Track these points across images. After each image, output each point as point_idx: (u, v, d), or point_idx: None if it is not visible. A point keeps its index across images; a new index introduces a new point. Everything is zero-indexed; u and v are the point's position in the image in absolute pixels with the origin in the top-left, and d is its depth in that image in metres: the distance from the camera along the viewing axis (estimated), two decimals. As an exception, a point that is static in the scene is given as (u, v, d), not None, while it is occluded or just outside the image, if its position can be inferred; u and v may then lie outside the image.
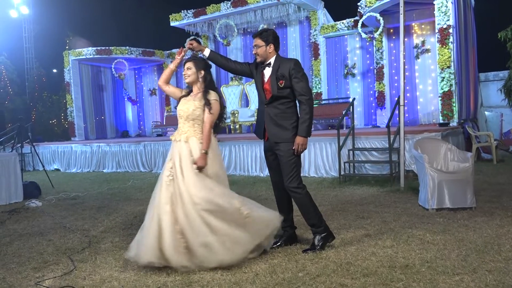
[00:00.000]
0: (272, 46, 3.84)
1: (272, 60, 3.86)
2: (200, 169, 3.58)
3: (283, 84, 3.75)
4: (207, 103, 3.73)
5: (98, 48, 15.37)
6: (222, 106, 3.87)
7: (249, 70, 4.03)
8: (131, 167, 11.38)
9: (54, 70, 20.62)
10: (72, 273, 3.49)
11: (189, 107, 3.76)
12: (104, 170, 11.77)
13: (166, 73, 4.00)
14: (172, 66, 4.02)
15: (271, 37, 3.85)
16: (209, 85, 3.84)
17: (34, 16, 20.16)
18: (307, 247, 3.79)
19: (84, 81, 16.10)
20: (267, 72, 3.86)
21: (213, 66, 4.09)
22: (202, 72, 3.83)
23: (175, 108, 4.00)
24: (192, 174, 3.56)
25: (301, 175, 8.70)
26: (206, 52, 4.01)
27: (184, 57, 4.07)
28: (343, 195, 6.40)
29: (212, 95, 3.78)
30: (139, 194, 7.46)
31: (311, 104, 3.76)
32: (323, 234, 3.79)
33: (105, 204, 6.67)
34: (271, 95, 3.81)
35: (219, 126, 3.92)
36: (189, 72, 3.84)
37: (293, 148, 3.73)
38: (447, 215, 4.74)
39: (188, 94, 3.91)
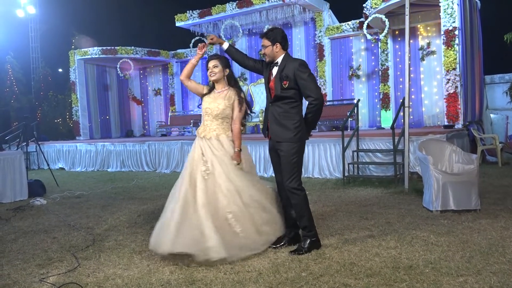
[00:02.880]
0: (278, 45, 3.83)
1: (279, 59, 3.85)
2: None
3: (287, 85, 3.74)
4: (241, 102, 3.90)
5: (104, 48, 15.42)
6: (247, 104, 4.03)
7: (261, 67, 4.04)
8: (135, 167, 11.42)
9: (60, 70, 20.70)
10: (76, 270, 3.51)
11: (219, 106, 3.88)
12: (108, 169, 11.81)
13: (188, 68, 4.03)
14: (194, 60, 4.04)
15: (278, 36, 3.83)
16: (236, 83, 3.97)
17: (40, 16, 20.24)
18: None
19: (90, 80, 16.14)
20: (274, 71, 3.86)
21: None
22: (227, 70, 3.93)
23: (201, 105, 4.11)
24: (235, 169, 3.80)
25: (305, 176, 8.76)
26: (225, 46, 4.10)
27: (206, 53, 4.17)
28: (347, 196, 6.39)
29: (242, 94, 3.95)
30: (143, 193, 7.48)
31: (318, 104, 3.71)
32: (312, 239, 3.79)
33: (109, 202, 6.69)
34: (275, 94, 3.83)
35: (244, 124, 4.12)
36: (216, 70, 3.94)
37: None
38: (451, 217, 4.73)
39: (210, 91, 3.99)
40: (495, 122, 11.61)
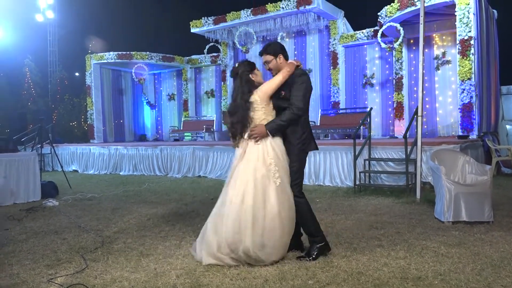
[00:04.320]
0: (281, 56, 3.84)
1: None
2: None
3: (283, 94, 3.76)
4: None
5: (119, 52, 15.60)
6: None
7: None
8: (147, 171, 11.48)
9: (77, 74, 21.01)
10: (84, 271, 3.53)
11: None
12: (120, 173, 11.90)
13: None
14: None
15: (278, 48, 3.84)
16: None
17: (59, 21, 20.60)
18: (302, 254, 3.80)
19: (105, 84, 16.34)
20: None
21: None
22: None
23: None
24: None
25: (316, 183, 8.70)
26: None
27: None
28: (358, 205, 6.33)
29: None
30: (154, 197, 7.51)
31: (295, 115, 3.66)
32: (319, 244, 3.76)
33: (120, 205, 6.73)
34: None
35: None
36: None
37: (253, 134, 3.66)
38: (463, 228, 4.64)
39: None
40: (511, 133, 11.42)
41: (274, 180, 3.59)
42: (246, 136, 3.72)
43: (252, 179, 3.58)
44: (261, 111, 3.72)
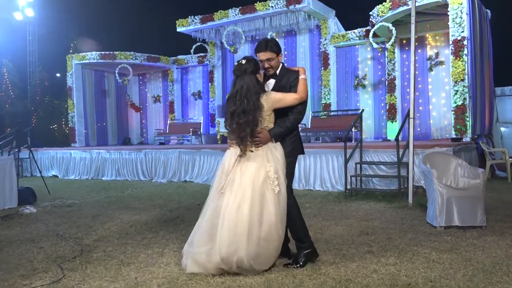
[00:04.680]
0: (281, 54, 3.73)
1: (278, 70, 3.73)
2: None
3: None
4: None
5: (102, 52, 15.14)
6: None
7: None
8: (130, 175, 11.17)
9: (58, 75, 20.31)
10: (60, 281, 3.41)
11: None
12: (103, 178, 11.58)
13: None
14: None
15: (278, 45, 3.70)
16: None
17: (39, 19, 19.93)
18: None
19: (87, 86, 15.79)
20: (271, 83, 3.72)
21: (220, 74, 3.97)
22: None
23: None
24: None
25: (306, 188, 8.56)
26: None
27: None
28: (348, 210, 6.19)
29: None
30: (137, 203, 7.30)
31: (299, 120, 3.65)
32: (307, 251, 3.64)
33: (101, 212, 6.51)
34: None
35: None
36: None
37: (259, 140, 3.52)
38: (455, 233, 4.56)
39: None
40: (506, 136, 11.33)
41: (272, 188, 3.44)
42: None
43: (250, 186, 3.42)
44: (266, 118, 3.56)
